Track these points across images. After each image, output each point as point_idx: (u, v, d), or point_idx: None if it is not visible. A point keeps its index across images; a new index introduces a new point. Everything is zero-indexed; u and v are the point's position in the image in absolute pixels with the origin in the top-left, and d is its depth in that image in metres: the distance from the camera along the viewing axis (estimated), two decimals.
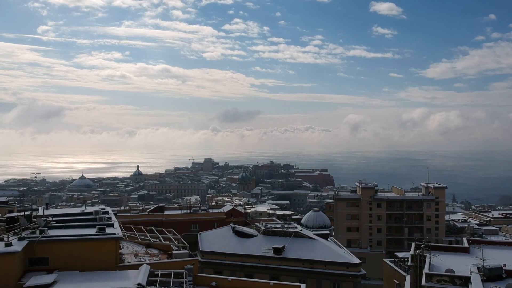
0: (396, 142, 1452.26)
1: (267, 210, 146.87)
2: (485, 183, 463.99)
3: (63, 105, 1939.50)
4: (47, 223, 35.00)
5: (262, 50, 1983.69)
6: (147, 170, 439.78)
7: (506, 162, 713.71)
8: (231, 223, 70.56)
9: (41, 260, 31.45)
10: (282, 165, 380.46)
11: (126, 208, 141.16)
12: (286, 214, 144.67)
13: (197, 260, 35.93)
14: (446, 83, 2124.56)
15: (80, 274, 31.31)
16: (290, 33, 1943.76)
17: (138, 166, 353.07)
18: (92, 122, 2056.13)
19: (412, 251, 40.68)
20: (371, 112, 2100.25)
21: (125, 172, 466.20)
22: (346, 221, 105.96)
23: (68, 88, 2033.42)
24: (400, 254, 64.54)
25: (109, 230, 34.33)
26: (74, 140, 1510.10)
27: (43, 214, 38.19)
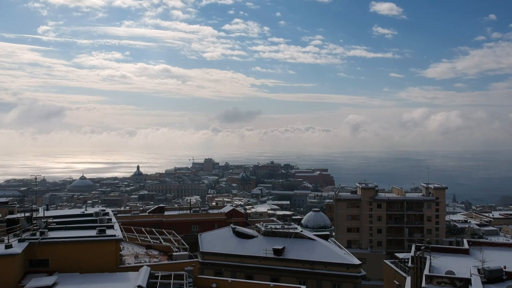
0: (396, 142, 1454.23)
1: (267, 210, 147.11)
2: (485, 183, 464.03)
3: (64, 105, 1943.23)
4: (47, 225, 35.01)
5: (262, 50, 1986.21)
6: (148, 170, 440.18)
7: (506, 162, 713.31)
8: (232, 224, 70.65)
9: (41, 262, 31.44)
10: (282, 165, 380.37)
11: (126, 208, 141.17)
12: (287, 215, 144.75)
13: (197, 261, 35.91)
14: (446, 83, 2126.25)
15: (80, 276, 31.35)
16: (290, 33, 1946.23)
17: (138, 166, 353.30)
18: (92, 122, 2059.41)
19: (412, 253, 40.70)
20: (372, 112, 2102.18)
21: (125, 172, 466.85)
22: (347, 221, 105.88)
23: (68, 88, 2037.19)
24: (400, 255, 64.36)
25: (109, 232, 34.33)
26: (75, 140, 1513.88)
27: (43, 216, 38.18)
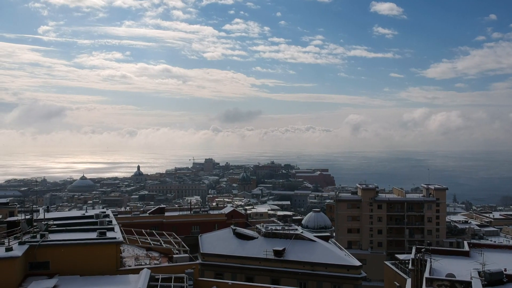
0: (397, 142, 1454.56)
1: (268, 210, 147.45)
2: (486, 183, 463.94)
3: (64, 105, 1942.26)
4: (48, 227, 34.99)
5: (262, 50, 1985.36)
6: (148, 170, 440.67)
7: (507, 162, 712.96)
8: (232, 225, 70.62)
9: (41, 264, 31.34)
10: (282, 165, 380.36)
11: (127, 209, 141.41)
12: (287, 215, 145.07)
13: (197, 264, 35.90)
14: (447, 83, 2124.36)
15: (80, 278, 31.30)
16: (290, 33, 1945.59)
17: (138, 166, 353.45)
18: (93, 122, 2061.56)
19: (412, 255, 40.68)
20: (372, 112, 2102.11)
21: (125, 172, 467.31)
22: (347, 222, 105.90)
23: (69, 88, 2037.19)
24: (401, 256, 64.52)
25: (109, 234, 34.25)
26: (75, 140, 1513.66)
27: (44, 218, 38.17)
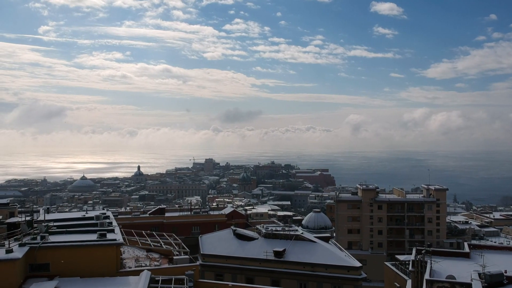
0: (397, 142, 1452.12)
1: (268, 211, 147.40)
2: (486, 183, 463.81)
3: (64, 105, 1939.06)
4: (48, 229, 34.99)
5: (263, 50, 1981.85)
6: (148, 170, 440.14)
7: (507, 162, 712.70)
8: (232, 226, 70.67)
9: (42, 266, 31.35)
10: (283, 165, 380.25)
11: (127, 209, 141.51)
12: (287, 215, 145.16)
13: (198, 265, 35.90)
14: (447, 83, 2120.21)
15: (81, 280, 31.31)
16: (290, 33, 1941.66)
17: (139, 167, 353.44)
18: (93, 122, 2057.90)
19: (413, 256, 40.70)
20: (372, 112, 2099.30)
21: (126, 172, 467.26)
22: (347, 223, 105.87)
23: (69, 88, 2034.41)
24: (401, 257, 64.54)
25: (110, 236, 34.25)
26: (75, 140, 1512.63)
27: (44, 219, 38.15)
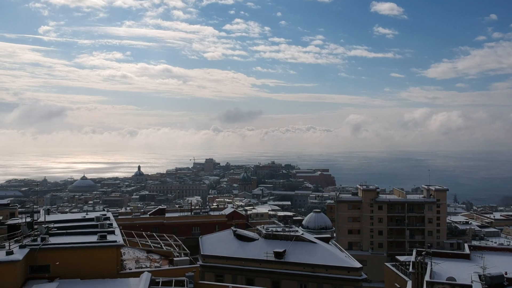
0: (397, 142, 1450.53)
1: (268, 211, 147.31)
2: (486, 184, 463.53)
3: (65, 105, 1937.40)
4: (49, 230, 35.02)
5: (263, 50, 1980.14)
6: (149, 170, 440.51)
7: (507, 162, 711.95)
8: (232, 226, 70.63)
9: (42, 268, 31.40)
10: (283, 165, 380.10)
11: (127, 209, 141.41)
12: (288, 216, 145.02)
13: (198, 267, 35.92)
14: (447, 83, 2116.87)
15: (81, 282, 31.36)
16: (291, 33, 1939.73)
17: (139, 167, 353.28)
18: (93, 122, 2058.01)
19: (413, 258, 40.69)
20: (373, 112, 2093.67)
21: (126, 172, 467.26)
22: (348, 223, 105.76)
23: (69, 88, 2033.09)
24: (401, 258, 64.56)
25: (110, 238, 34.29)
26: (76, 140, 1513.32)
27: (45, 221, 38.20)
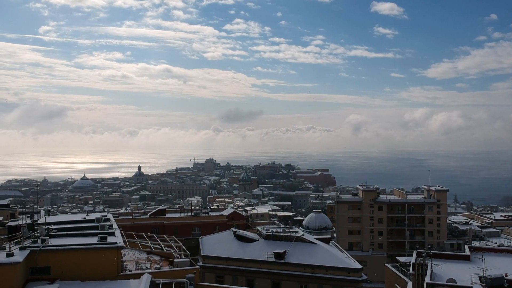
0: (397, 142, 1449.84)
1: (269, 211, 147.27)
2: (487, 184, 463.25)
3: (65, 105, 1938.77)
4: (49, 232, 35.00)
5: (263, 50, 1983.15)
6: (149, 170, 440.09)
7: (508, 162, 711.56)
8: (233, 227, 70.57)
9: (42, 269, 31.39)
10: (283, 165, 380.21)
11: (127, 209, 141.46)
12: (288, 216, 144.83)
13: (198, 269, 35.92)
14: (447, 83, 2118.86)
15: (81, 283, 31.35)
16: (291, 33, 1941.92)
17: (139, 167, 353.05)
18: (93, 122, 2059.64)
19: (413, 259, 40.66)
20: (373, 112, 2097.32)
21: (126, 172, 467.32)
22: (348, 224, 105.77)
23: (69, 88, 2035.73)
24: (401, 259, 64.53)
25: (110, 239, 34.25)
26: (76, 140, 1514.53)
27: (45, 222, 38.18)
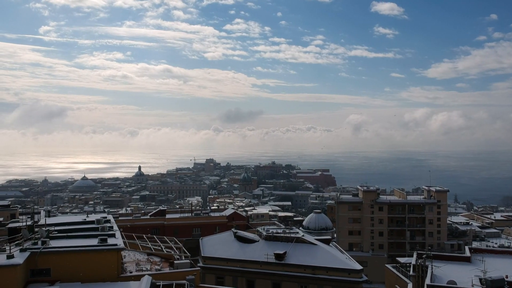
0: (398, 142, 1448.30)
1: (269, 211, 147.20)
2: (487, 184, 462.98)
3: (65, 105, 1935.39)
4: (49, 234, 34.99)
5: (263, 50, 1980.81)
6: (149, 170, 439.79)
7: (508, 162, 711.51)
8: (233, 228, 70.53)
9: (43, 271, 31.42)
10: (283, 165, 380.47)
11: (128, 210, 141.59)
12: (288, 216, 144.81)
13: (199, 270, 35.91)
14: (448, 83, 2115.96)
15: (82, 285, 31.34)
16: (291, 33, 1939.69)
17: (140, 167, 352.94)
18: (94, 122, 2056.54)
19: (413, 261, 40.62)
20: (373, 112, 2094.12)
21: (127, 172, 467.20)
22: (348, 224, 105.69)
23: (70, 88, 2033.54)
24: (402, 260, 64.43)
25: (110, 241, 34.26)
26: (76, 140, 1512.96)
27: (45, 224, 38.16)
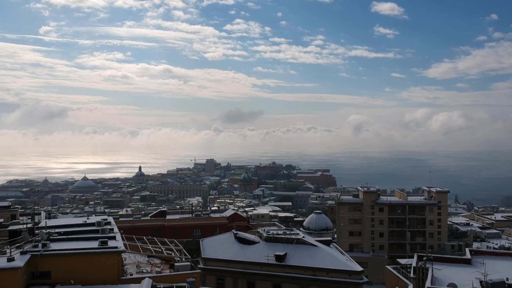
0: (398, 142, 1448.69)
1: (269, 212, 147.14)
2: (487, 184, 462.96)
3: (66, 105, 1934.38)
4: (49, 236, 34.97)
5: (263, 50, 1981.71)
6: (149, 170, 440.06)
7: (509, 162, 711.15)
8: (233, 229, 70.65)
9: (43, 274, 31.40)
10: (284, 165, 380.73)
11: (128, 210, 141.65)
12: (288, 217, 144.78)
13: (199, 272, 35.89)
14: (448, 83, 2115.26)
15: None
16: (291, 33, 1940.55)
17: (140, 167, 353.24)
18: (94, 122, 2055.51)
19: (414, 263, 40.57)
20: (373, 112, 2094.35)
21: (127, 172, 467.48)
22: (348, 225, 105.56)
23: (70, 88, 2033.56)
24: (402, 261, 64.55)
25: (111, 243, 34.22)
26: (77, 140, 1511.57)
27: (46, 226, 38.14)
